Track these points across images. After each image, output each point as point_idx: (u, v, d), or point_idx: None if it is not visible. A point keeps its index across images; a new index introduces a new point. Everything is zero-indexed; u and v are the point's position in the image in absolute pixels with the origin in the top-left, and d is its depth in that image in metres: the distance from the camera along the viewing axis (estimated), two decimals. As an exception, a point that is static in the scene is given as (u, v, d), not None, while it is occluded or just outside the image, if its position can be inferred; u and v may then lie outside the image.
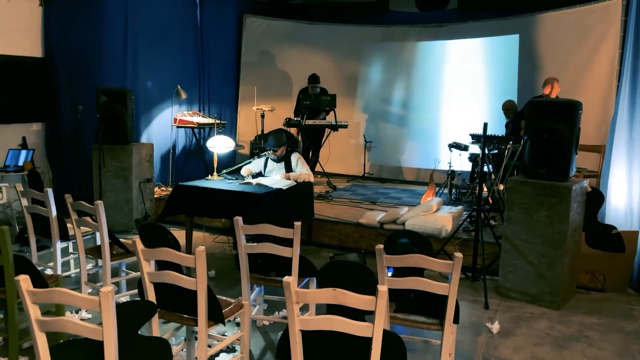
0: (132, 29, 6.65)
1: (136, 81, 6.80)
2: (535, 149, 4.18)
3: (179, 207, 4.61)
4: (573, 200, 4.04)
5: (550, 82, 6.06)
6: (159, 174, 7.25)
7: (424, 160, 8.28)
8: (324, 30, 8.80)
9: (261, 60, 8.86)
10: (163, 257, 2.52)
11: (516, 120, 6.45)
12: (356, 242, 5.48)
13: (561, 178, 4.10)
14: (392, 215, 5.39)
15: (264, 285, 3.38)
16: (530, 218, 4.16)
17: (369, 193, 7.30)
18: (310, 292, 2.06)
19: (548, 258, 4.10)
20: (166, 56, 7.24)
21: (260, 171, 5.33)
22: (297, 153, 5.21)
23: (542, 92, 6.14)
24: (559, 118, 4.08)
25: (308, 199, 5.13)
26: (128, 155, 5.88)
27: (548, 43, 7.26)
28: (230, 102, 8.72)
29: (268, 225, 3.08)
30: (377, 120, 8.75)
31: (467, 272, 4.68)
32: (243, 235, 3.14)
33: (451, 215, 5.14)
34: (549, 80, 6.09)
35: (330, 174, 8.37)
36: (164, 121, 7.22)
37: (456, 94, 8.14)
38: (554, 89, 6.01)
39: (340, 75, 8.77)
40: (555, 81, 6.06)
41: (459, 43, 8.12)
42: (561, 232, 4.05)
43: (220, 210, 4.42)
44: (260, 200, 4.29)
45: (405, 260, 2.60)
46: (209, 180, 4.88)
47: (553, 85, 6.02)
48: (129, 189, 5.93)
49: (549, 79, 6.15)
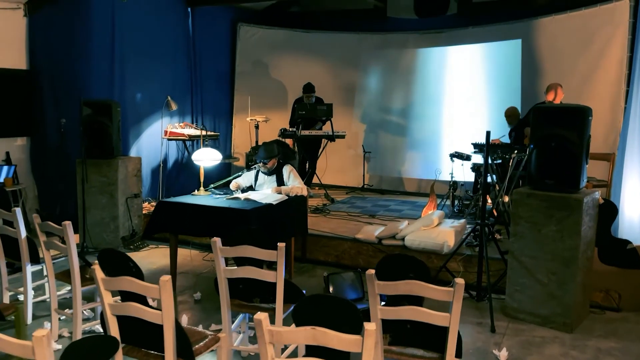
0: (119, 39, 6.42)
1: (124, 93, 6.56)
2: (542, 158, 3.88)
3: (162, 224, 4.32)
4: (584, 214, 3.73)
5: (554, 87, 5.77)
6: (149, 189, 6.98)
7: (425, 170, 7.99)
8: (321, 38, 8.56)
9: (256, 70, 8.62)
10: (124, 286, 2.23)
11: (519, 127, 6.16)
12: (353, 259, 5.17)
13: (571, 189, 3.80)
14: (391, 229, 5.09)
15: (246, 312, 3.07)
16: (538, 233, 3.85)
17: (368, 206, 7.00)
18: (286, 331, 1.76)
19: (558, 276, 3.79)
20: (156, 67, 6.99)
21: (251, 185, 5.05)
22: (289, 165, 4.93)
23: (545, 98, 5.85)
24: (567, 125, 3.79)
25: (301, 214, 4.84)
26: (113, 169, 5.61)
27: (552, 48, 6.98)
28: (224, 113, 8.47)
29: (248, 246, 2.79)
30: (377, 130, 8.48)
31: (471, 291, 4.37)
32: (222, 258, 2.84)
33: (453, 230, 4.84)
34: (552, 86, 5.80)
35: (328, 186, 8.09)
36: (153, 134, 6.96)
37: (457, 102, 7.87)
38: (558, 95, 5.72)
39: (337, 84, 8.52)
40: (558, 87, 5.77)
41: (459, 49, 7.87)
42: (572, 248, 3.73)
43: (204, 228, 4.13)
44: (247, 217, 4.00)
45: (400, 287, 2.30)
46: (195, 196, 4.59)
47: (557, 91, 5.73)
48: (115, 205, 5.65)
49: (552, 84, 5.87)
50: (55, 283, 3.45)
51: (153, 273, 4.93)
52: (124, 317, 2.30)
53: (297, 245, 5.29)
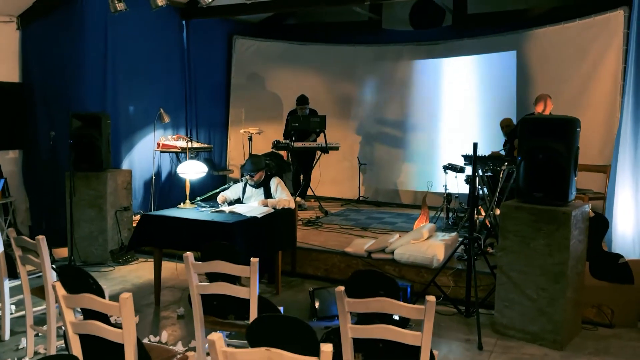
0: (112, 52, 6.42)
1: (117, 105, 6.54)
2: (530, 171, 3.81)
3: (146, 238, 4.27)
4: (573, 227, 3.64)
5: (543, 99, 5.69)
6: (141, 202, 6.94)
7: (420, 182, 7.91)
8: (316, 50, 8.55)
9: (251, 82, 8.61)
10: (85, 304, 2.17)
11: (511, 139, 6.08)
12: (343, 273, 5.08)
13: (559, 202, 3.71)
14: (381, 243, 5.01)
15: (220, 330, 2.99)
16: (526, 247, 3.77)
17: (362, 218, 6.92)
18: (240, 352, 1.69)
19: (548, 292, 3.69)
20: (149, 79, 6.99)
21: (239, 198, 4.99)
22: (277, 178, 4.87)
23: (535, 109, 5.77)
24: (554, 136, 3.71)
25: (289, 227, 4.77)
26: (102, 182, 5.58)
27: (546, 59, 6.93)
28: (219, 125, 8.45)
29: (221, 262, 2.72)
30: (372, 142, 8.42)
31: (460, 306, 4.27)
32: (194, 273, 2.78)
33: (443, 244, 4.75)
34: (542, 97, 5.72)
35: (323, 198, 8.02)
36: (146, 146, 6.94)
37: (453, 113, 7.81)
38: (547, 106, 5.64)
39: (333, 96, 8.49)
40: (548, 98, 5.69)
41: (454, 61, 7.82)
42: (562, 263, 3.64)
43: (187, 241, 4.07)
44: (230, 230, 3.93)
45: (371, 304, 2.22)
46: (180, 209, 4.54)
47: (546, 102, 5.65)
48: (104, 218, 5.61)
49: (541, 95, 5.79)
50: (31, 299, 3.39)
51: (138, 287, 4.87)
52: (86, 335, 2.24)
53: (287, 259, 5.22)
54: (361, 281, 2.25)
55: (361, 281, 2.25)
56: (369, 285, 2.21)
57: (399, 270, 4.81)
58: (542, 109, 5.60)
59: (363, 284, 2.24)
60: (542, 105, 5.60)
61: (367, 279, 2.25)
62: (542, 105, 5.60)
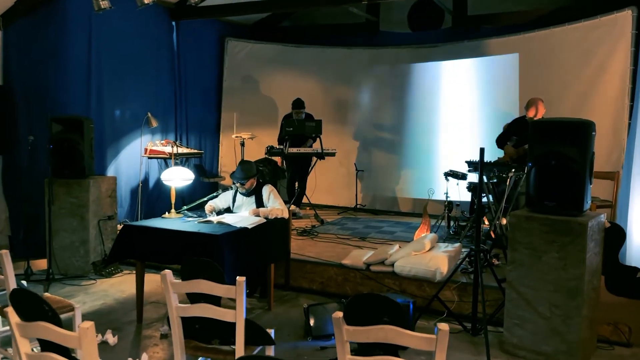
0: (96, 53, 6.12)
1: (102, 109, 6.24)
2: (542, 178, 3.53)
3: (127, 250, 3.95)
4: (589, 239, 3.36)
5: (534, 103, 5.42)
6: (128, 210, 6.62)
7: (420, 189, 7.63)
8: (311, 53, 8.28)
9: (244, 85, 8.33)
10: (40, 334, 1.86)
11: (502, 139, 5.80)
12: (340, 287, 4.78)
13: (574, 212, 3.43)
14: (380, 255, 4.71)
15: (204, 356, 2.68)
16: (538, 260, 3.48)
17: (360, 227, 6.62)
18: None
19: (562, 309, 3.40)
20: (137, 82, 6.69)
21: (229, 207, 4.69)
22: (269, 185, 4.57)
23: (527, 114, 5.50)
24: (568, 141, 3.45)
25: (282, 237, 4.47)
26: (84, 190, 5.26)
27: (550, 61, 6.67)
28: (211, 130, 8.16)
29: (202, 281, 2.42)
30: (369, 148, 8.14)
31: (466, 323, 3.98)
32: (174, 293, 2.47)
33: (447, 255, 4.45)
34: (533, 102, 5.46)
35: (320, 206, 7.73)
36: (133, 152, 6.63)
37: (453, 118, 7.54)
38: (539, 111, 5.37)
39: (329, 100, 8.21)
40: (539, 102, 5.43)
41: (454, 64, 7.57)
42: (577, 278, 3.35)
43: (171, 254, 3.76)
44: (217, 242, 3.63)
45: (372, 333, 1.92)
46: (165, 219, 4.23)
47: (537, 106, 5.38)
48: (86, 228, 5.29)
49: (532, 99, 5.52)
50: None
51: (121, 302, 4.55)
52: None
53: (280, 271, 4.92)
54: (362, 306, 1.95)
55: (362, 306, 1.95)
56: (370, 310, 1.91)
57: (399, 284, 4.52)
58: (533, 114, 5.35)
59: (364, 308, 1.94)
60: (534, 110, 5.34)
61: (369, 303, 1.95)
62: (534, 110, 5.34)
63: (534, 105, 5.41)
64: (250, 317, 4.33)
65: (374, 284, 4.60)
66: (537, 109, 5.37)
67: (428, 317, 4.19)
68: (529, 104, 5.50)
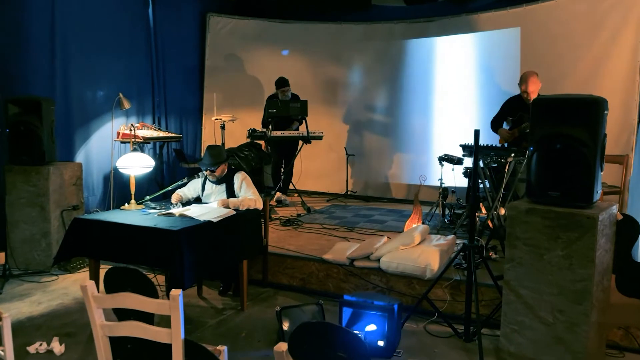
0: (61, 29, 5.61)
1: (68, 90, 5.76)
2: (545, 164, 3.06)
3: (77, 247, 3.53)
4: (600, 234, 2.91)
5: (527, 77, 4.93)
6: (100, 199, 6.18)
7: (414, 175, 7.19)
8: (299, 29, 7.76)
9: (228, 64, 7.83)
10: None
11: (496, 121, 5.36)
12: (322, 284, 4.36)
13: (582, 203, 2.98)
14: (365, 249, 4.27)
15: (138, 381, 2.26)
16: (540, 259, 3.03)
17: (349, 216, 6.19)
18: None
19: (567, 315, 2.97)
20: (108, 61, 6.19)
21: (199, 196, 4.25)
22: (241, 173, 4.12)
23: (520, 89, 5.02)
24: (576, 121, 2.97)
25: (255, 231, 4.03)
26: (44, 177, 4.82)
27: (555, 36, 6.16)
28: (193, 112, 7.68)
29: (130, 294, 1.98)
30: (361, 130, 7.67)
31: (458, 328, 3.56)
32: (98, 309, 2.03)
33: (438, 249, 4.01)
34: (525, 76, 4.97)
35: (308, 193, 7.31)
36: (104, 136, 6.16)
37: (449, 98, 7.05)
38: (534, 86, 4.89)
39: (318, 80, 7.72)
40: (533, 75, 4.93)
41: (451, 39, 7.05)
42: (585, 279, 2.91)
43: (124, 252, 3.34)
44: (175, 239, 3.19)
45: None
46: (123, 211, 3.79)
47: (529, 81, 4.89)
48: (47, 219, 4.85)
49: (525, 73, 5.04)
50: None
51: (80, 302, 4.10)
52: None
53: (257, 267, 4.51)
54: (311, 338, 1.51)
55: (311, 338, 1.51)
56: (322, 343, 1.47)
57: (386, 281, 4.09)
58: (526, 89, 4.87)
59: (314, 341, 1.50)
60: (528, 84, 4.85)
61: (319, 335, 1.51)
62: (529, 85, 4.85)
63: (527, 80, 4.92)
64: (220, 319, 3.95)
65: (359, 281, 4.17)
66: (528, 84, 4.90)
67: (417, 319, 3.78)
68: (522, 79, 5.02)
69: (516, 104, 5.14)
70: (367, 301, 3.30)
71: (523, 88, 4.96)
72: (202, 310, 4.00)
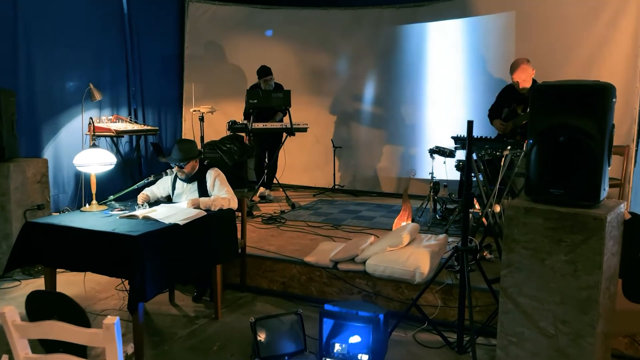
0: (24, 12, 5.23)
1: (33, 81, 5.39)
2: (546, 159, 2.75)
3: (30, 254, 3.18)
4: (607, 237, 2.61)
5: (518, 65, 4.66)
6: (72, 197, 5.82)
7: (404, 168, 6.88)
8: (283, 15, 7.39)
9: (209, 52, 7.46)
10: None
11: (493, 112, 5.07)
12: (304, 288, 4.05)
13: (587, 202, 2.67)
14: (350, 250, 3.95)
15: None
16: (541, 264, 2.73)
17: (335, 212, 5.87)
18: None
19: (571, 326, 2.67)
20: (77, 50, 5.82)
21: (169, 195, 3.91)
22: (215, 169, 3.78)
23: (512, 79, 4.73)
24: (581, 110, 2.66)
25: (229, 233, 3.70)
26: (3, 175, 4.45)
27: (552, 20, 5.85)
28: (172, 103, 7.33)
29: (57, 323, 1.65)
30: (348, 122, 7.33)
31: (449, 335, 3.26)
32: (21, 339, 1.70)
33: (429, 251, 3.71)
34: (516, 63, 4.71)
35: (294, 187, 6.99)
36: (74, 130, 5.79)
37: (441, 87, 6.72)
38: (524, 73, 4.60)
39: (303, 68, 7.37)
40: (525, 62, 4.65)
41: (442, 25, 6.71)
42: (591, 287, 2.61)
43: (80, 260, 3.00)
44: (135, 245, 2.85)
45: None
46: (83, 213, 3.44)
47: (520, 68, 4.60)
48: (8, 220, 4.50)
49: (515, 61, 4.78)
50: None
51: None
52: None
53: (235, 270, 4.19)
54: None
55: None
56: None
57: (373, 285, 3.78)
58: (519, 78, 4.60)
59: None
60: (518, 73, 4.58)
61: None
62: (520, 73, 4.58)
63: (519, 68, 4.63)
64: (192, 329, 3.60)
65: (343, 285, 3.87)
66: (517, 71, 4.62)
67: (406, 327, 3.48)
68: (511, 68, 4.73)
69: (511, 93, 4.86)
70: (350, 312, 2.99)
71: (513, 77, 4.68)
72: (172, 320, 3.68)
